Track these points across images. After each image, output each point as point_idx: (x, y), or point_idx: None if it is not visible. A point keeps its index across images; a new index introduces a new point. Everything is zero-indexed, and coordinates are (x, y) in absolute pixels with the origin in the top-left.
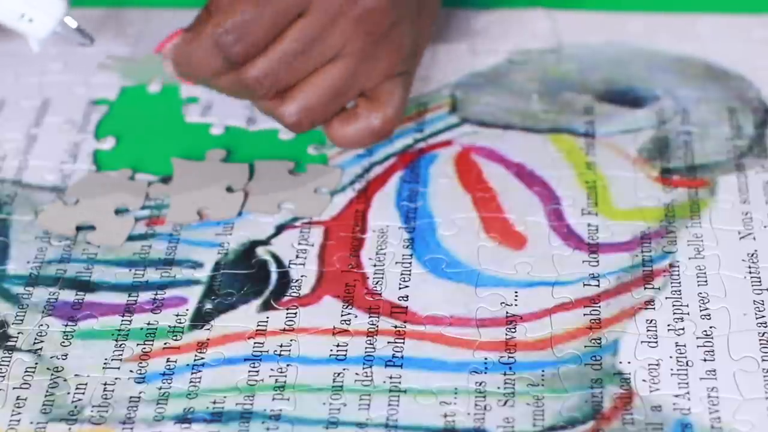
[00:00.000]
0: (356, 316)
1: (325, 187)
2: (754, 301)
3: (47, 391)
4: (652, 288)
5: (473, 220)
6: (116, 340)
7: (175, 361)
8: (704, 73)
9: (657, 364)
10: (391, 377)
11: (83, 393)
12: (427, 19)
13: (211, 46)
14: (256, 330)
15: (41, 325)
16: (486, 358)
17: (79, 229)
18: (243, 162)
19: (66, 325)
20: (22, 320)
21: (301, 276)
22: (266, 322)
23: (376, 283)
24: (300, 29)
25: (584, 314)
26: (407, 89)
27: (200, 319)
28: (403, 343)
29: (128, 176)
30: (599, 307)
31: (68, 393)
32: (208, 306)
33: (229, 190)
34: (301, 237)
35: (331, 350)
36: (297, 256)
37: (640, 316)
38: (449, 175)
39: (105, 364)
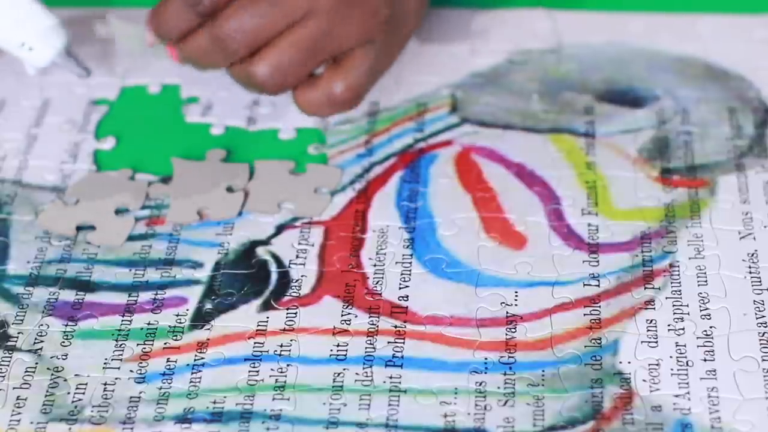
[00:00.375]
0: (356, 316)
1: (325, 187)
2: (754, 301)
3: (47, 391)
4: (652, 288)
5: (473, 220)
6: (116, 340)
7: (175, 361)
8: (704, 73)
9: (657, 364)
10: (391, 377)
11: (83, 393)
12: None
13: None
14: (256, 330)
15: (41, 325)
16: (486, 358)
17: (79, 229)
18: (243, 162)
19: (66, 325)
20: (22, 320)
21: (301, 276)
22: (266, 322)
23: (376, 283)
24: None
25: (584, 314)
26: (377, 63)
27: (200, 319)
28: (403, 343)
29: (128, 176)
30: (599, 307)
31: (68, 393)
32: (208, 306)
33: (229, 190)
34: (301, 237)
35: (331, 350)
36: (297, 256)
37: (640, 316)
38: (449, 175)
39: (105, 364)
